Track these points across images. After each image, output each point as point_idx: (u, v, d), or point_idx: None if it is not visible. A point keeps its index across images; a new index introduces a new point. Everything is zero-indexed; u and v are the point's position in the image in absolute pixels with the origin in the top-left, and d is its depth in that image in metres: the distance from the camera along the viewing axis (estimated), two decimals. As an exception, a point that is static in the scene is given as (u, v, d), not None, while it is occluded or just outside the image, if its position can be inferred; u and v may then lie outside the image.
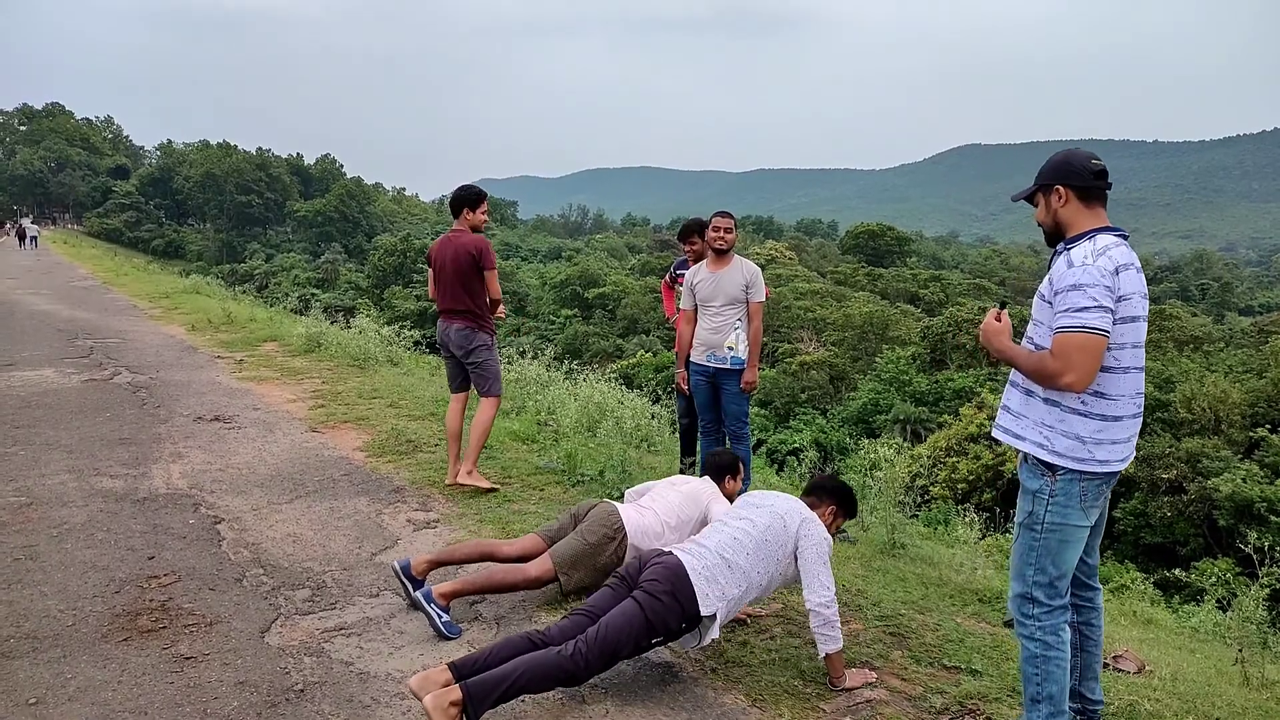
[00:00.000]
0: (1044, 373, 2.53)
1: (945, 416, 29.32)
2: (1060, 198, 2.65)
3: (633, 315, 52.21)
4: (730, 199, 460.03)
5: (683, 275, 6.07)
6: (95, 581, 3.81)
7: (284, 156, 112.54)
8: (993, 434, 2.84)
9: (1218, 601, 6.45)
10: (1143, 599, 7.94)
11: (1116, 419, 2.56)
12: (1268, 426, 22.38)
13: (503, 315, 5.54)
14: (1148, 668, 3.67)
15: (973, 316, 37.80)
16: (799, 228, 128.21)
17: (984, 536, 7.34)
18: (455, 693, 2.67)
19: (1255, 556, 4.35)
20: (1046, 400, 2.60)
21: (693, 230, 5.95)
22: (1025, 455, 2.65)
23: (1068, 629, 2.67)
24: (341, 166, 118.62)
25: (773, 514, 3.28)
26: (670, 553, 3.14)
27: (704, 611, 3.03)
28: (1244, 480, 19.76)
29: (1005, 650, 3.53)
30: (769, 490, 3.59)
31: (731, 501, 3.97)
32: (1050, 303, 2.59)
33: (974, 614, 4.07)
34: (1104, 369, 2.54)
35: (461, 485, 5.24)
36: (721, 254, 5.37)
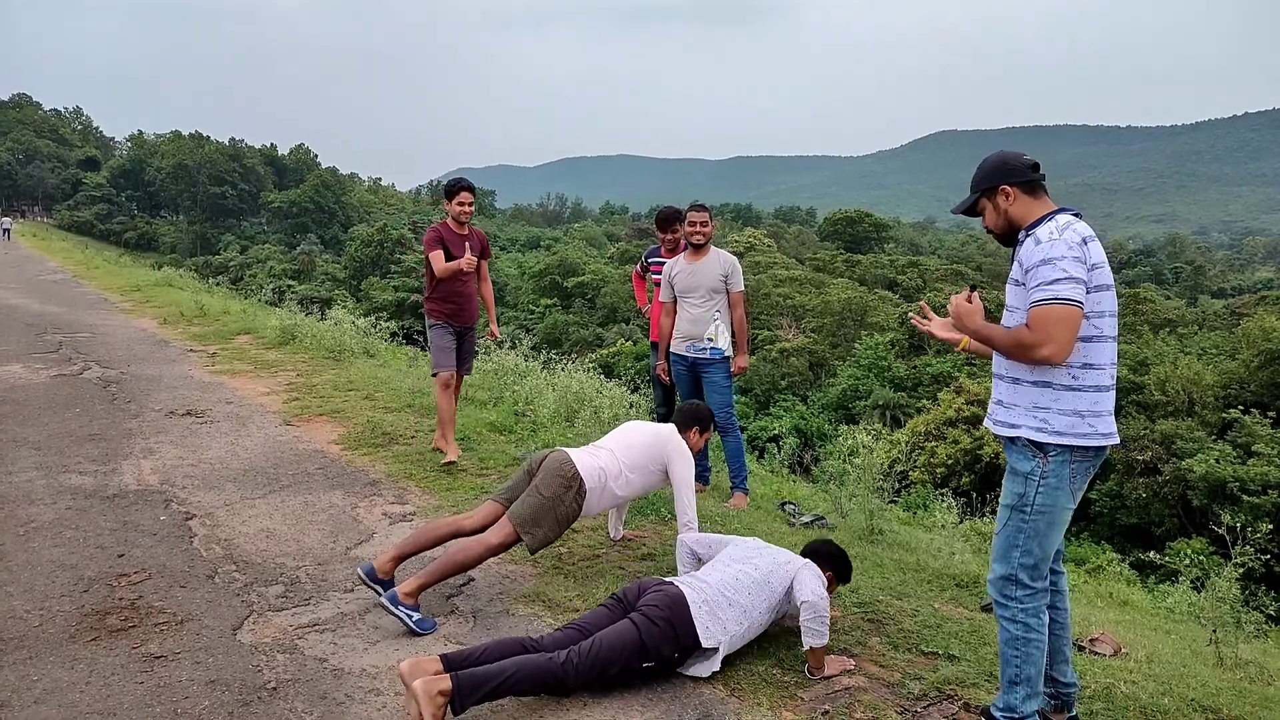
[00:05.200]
0: (1022, 345, 2.54)
1: (924, 401, 29.52)
2: (1008, 197, 2.68)
3: (612, 304, 52.05)
4: (709, 187, 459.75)
5: (655, 264, 6.01)
6: (63, 581, 3.74)
7: (258, 147, 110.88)
8: (989, 426, 2.84)
9: (1192, 582, 6.52)
10: (1119, 580, 8.02)
11: (1106, 388, 2.60)
12: (1240, 408, 22.66)
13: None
14: (1124, 650, 3.70)
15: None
16: (777, 215, 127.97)
17: (962, 520, 7.38)
18: (445, 682, 2.67)
19: (1228, 536, 4.39)
20: (1036, 383, 2.61)
21: (670, 219, 5.87)
22: (1014, 438, 2.66)
23: (1046, 611, 2.70)
24: (316, 157, 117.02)
25: (774, 561, 3.35)
26: (671, 583, 3.19)
27: (706, 644, 3.07)
28: (1217, 461, 20.03)
29: (983, 635, 3.54)
30: (766, 543, 3.57)
31: (695, 454, 4.00)
32: (1023, 284, 2.59)
33: (952, 599, 4.08)
34: (1089, 339, 2.56)
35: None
36: (699, 247, 5.36)
